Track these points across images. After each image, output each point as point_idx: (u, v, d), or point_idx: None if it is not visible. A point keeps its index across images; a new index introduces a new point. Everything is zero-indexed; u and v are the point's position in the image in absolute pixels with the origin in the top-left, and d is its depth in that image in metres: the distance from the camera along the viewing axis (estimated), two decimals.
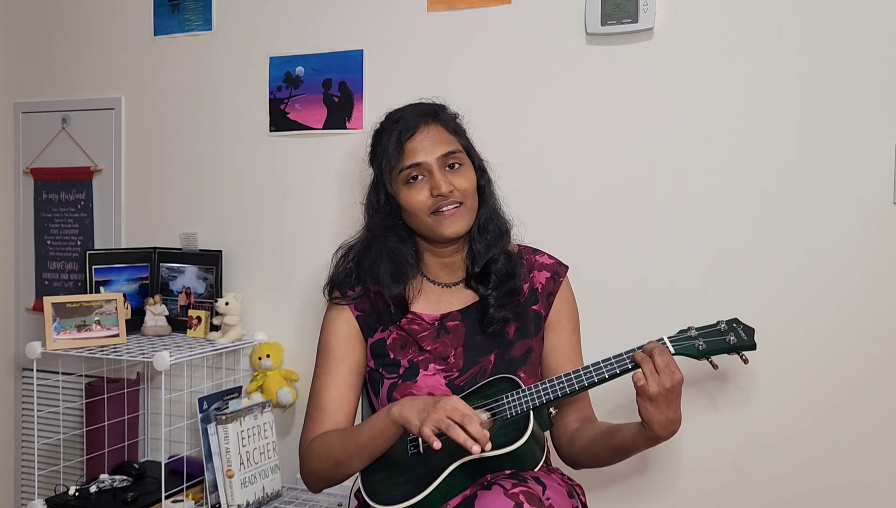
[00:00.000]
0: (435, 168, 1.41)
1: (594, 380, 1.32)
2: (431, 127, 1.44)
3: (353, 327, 1.51)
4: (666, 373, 1.25)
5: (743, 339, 1.32)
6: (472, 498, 1.23)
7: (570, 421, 1.49)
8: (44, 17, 2.47)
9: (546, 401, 1.32)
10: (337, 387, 1.48)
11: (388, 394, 1.46)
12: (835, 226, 1.71)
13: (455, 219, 1.42)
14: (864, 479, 1.71)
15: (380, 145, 1.47)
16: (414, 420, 1.26)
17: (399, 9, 2.04)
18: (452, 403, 1.23)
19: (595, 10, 1.82)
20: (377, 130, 1.51)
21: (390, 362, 1.48)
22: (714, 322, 1.34)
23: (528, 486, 1.22)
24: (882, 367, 1.69)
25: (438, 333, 1.48)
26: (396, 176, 1.44)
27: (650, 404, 1.26)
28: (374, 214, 1.49)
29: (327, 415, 1.47)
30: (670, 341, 1.32)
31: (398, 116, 1.47)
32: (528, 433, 1.28)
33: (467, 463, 1.30)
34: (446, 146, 1.43)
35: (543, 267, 1.54)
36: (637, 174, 1.85)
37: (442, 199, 1.41)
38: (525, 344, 1.48)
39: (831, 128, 1.70)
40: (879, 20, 1.67)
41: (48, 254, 2.48)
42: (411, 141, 1.42)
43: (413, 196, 1.42)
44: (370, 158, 1.52)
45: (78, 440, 2.32)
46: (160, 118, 2.33)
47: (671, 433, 1.29)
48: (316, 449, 1.43)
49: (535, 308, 1.51)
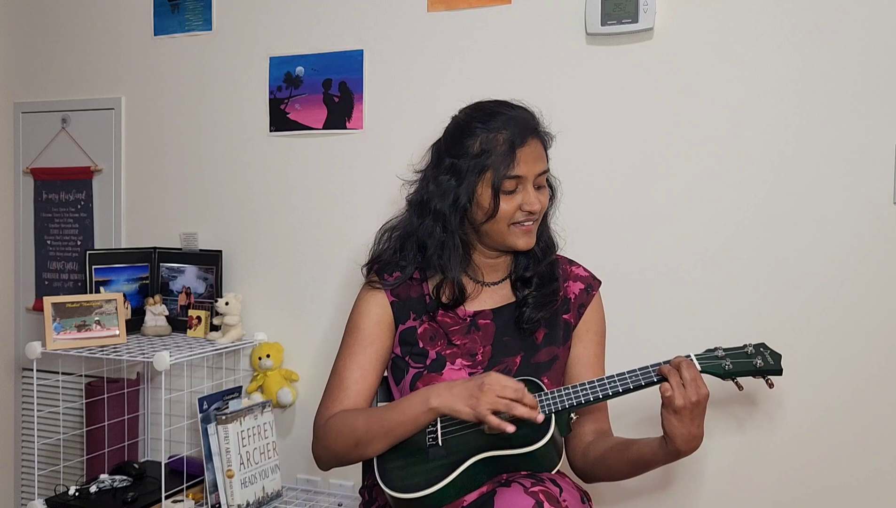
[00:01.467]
0: (530, 184, 1.41)
1: (618, 390, 1.33)
2: (536, 141, 1.43)
3: (387, 312, 1.50)
4: (692, 387, 1.26)
5: (769, 364, 1.32)
6: (490, 495, 1.24)
7: (586, 433, 1.49)
8: (44, 17, 2.47)
9: (568, 406, 1.32)
10: (361, 369, 1.47)
11: (411, 383, 1.46)
12: (835, 226, 1.71)
13: (530, 234, 1.44)
14: (866, 479, 1.71)
15: (474, 141, 1.41)
16: (463, 408, 1.25)
17: (399, 9, 2.04)
18: (498, 380, 1.23)
19: (595, 10, 1.82)
20: (463, 121, 1.45)
21: (418, 351, 1.48)
22: (742, 345, 1.35)
23: (546, 486, 1.23)
24: (882, 366, 1.69)
25: (469, 329, 1.48)
26: (493, 178, 1.39)
27: (675, 416, 1.27)
28: (446, 203, 1.43)
29: (347, 395, 1.45)
30: (697, 358, 1.33)
31: (501, 117, 1.42)
32: (550, 434, 1.28)
33: (484, 460, 1.30)
34: (544, 164, 1.44)
35: (578, 278, 1.55)
36: (637, 174, 1.85)
37: (529, 215, 1.42)
38: (552, 351, 1.49)
39: (831, 128, 1.70)
40: (879, 20, 1.67)
41: (48, 254, 2.48)
42: (521, 150, 1.39)
43: (504, 205, 1.40)
44: (450, 146, 1.44)
45: (78, 440, 2.32)
46: (160, 118, 2.33)
47: (692, 448, 1.29)
48: (336, 426, 1.41)
49: (566, 317, 1.52)
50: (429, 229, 1.45)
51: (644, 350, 1.54)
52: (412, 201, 1.50)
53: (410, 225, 1.49)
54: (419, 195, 1.48)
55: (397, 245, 1.51)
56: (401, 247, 1.50)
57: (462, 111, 1.48)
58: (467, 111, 1.47)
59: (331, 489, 2.12)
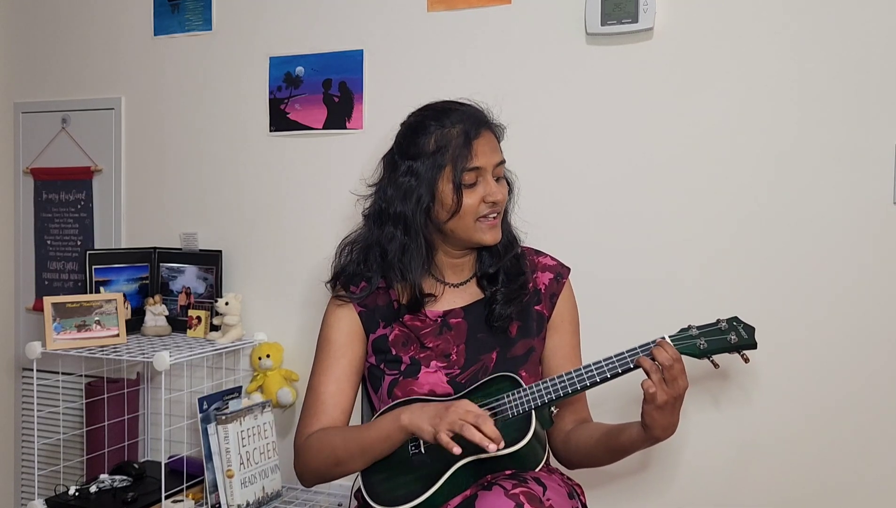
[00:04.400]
0: (489, 175, 1.41)
1: (596, 379, 1.33)
2: (489, 133, 1.44)
3: (356, 323, 1.51)
4: (673, 384, 1.28)
5: (744, 338, 1.32)
6: (472, 499, 1.23)
7: (566, 423, 1.50)
8: (44, 17, 2.47)
9: (548, 400, 1.32)
10: (336, 382, 1.48)
11: (388, 391, 1.46)
12: (835, 226, 1.71)
13: (495, 229, 1.45)
14: (864, 477, 1.71)
15: (428, 139, 1.41)
16: (426, 427, 1.26)
17: (399, 9, 2.03)
18: (464, 406, 1.24)
19: (595, 10, 1.82)
20: (415, 122, 1.46)
21: (392, 358, 1.48)
22: (714, 321, 1.35)
23: (528, 486, 1.22)
24: (881, 366, 1.69)
25: (441, 330, 1.48)
26: (452, 174, 1.39)
27: (656, 411, 1.28)
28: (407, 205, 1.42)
29: (325, 410, 1.46)
30: (671, 339, 1.32)
31: (453, 114, 1.42)
32: (531, 432, 1.28)
33: (469, 464, 1.30)
34: (500, 155, 1.44)
35: (546, 268, 1.55)
36: (637, 174, 1.85)
37: (493, 207, 1.42)
38: (527, 343, 1.49)
39: (831, 128, 1.70)
40: (879, 20, 1.67)
41: (48, 254, 2.48)
42: (477, 141, 1.40)
43: (468, 199, 1.40)
44: (404, 148, 1.45)
45: (78, 441, 2.32)
46: (160, 118, 2.33)
47: (670, 434, 1.32)
48: (314, 445, 1.43)
49: (538, 309, 1.52)
50: (389, 235, 1.45)
51: None
52: (370, 214, 1.50)
53: (371, 235, 1.49)
54: (377, 205, 1.48)
55: (360, 257, 1.50)
56: (364, 258, 1.50)
57: (411, 115, 1.50)
58: (417, 113, 1.49)
59: (330, 489, 2.12)
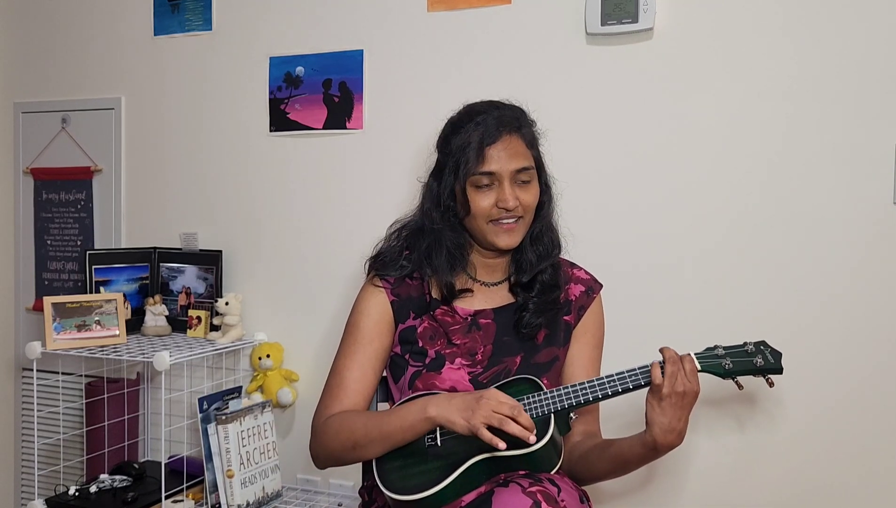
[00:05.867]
0: (506, 180, 1.41)
1: (618, 389, 1.33)
2: (512, 138, 1.43)
3: (387, 311, 1.51)
4: (683, 379, 1.27)
5: (770, 362, 1.32)
6: (488, 495, 1.23)
7: (574, 433, 1.49)
8: (44, 18, 2.47)
9: (568, 406, 1.33)
10: (360, 368, 1.47)
11: (409, 382, 1.46)
12: (834, 225, 1.71)
13: (512, 233, 1.44)
14: (864, 477, 1.71)
15: (456, 139, 1.44)
16: (458, 420, 1.25)
17: (399, 9, 2.04)
18: (496, 397, 1.24)
19: (595, 10, 1.82)
20: (454, 120, 1.48)
21: (418, 350, 1.48)
22: (741, 343, 1.35)
23: (544, 486, 1.23)
24: (881, 366, 1.69)
25: (470, 328, 1.48)
26: (468, 177, 1.42)
27: (658, 403, 1.28)
28: (432, 201, 1.48)
29: (347, 394, 1.46)
30: (697, 357, 1.33)
31: (481, 116, 1.44)
32: (549, 434, 1.28)
33: (483, 461, 1.30)
34: (522, 161, 1.43)
35: (580, 281, 1.56)
36: (636, 174, 1.85)
37: (505, 211, 1.42)
38: (552, 352, 1.49)
39: (831, 127, 1.70)
40: (879, 20, 1.67)
41: (48, 254, 2.48)
42: (491, 148, 1.41)
43: (478, 201, 1.42)
44: (440, 145, 1.49)
45: (78, 441, 2.32)
46: (160, 118, 2.33)
47: (669, 442, 1.30)
48: (334, 427, 1.41)
49: (567, 319, 1.52)
50: (425, 227, 1.48)
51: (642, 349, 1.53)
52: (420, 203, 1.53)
53: (414, 223, 1.53)
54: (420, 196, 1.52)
55: (404, 244, 1.53)
56: (406, 245, 1.52)
57: (456, 112, 1.51)
58: (459, 111, 1.50)
59: (330, 489, 2.12)
